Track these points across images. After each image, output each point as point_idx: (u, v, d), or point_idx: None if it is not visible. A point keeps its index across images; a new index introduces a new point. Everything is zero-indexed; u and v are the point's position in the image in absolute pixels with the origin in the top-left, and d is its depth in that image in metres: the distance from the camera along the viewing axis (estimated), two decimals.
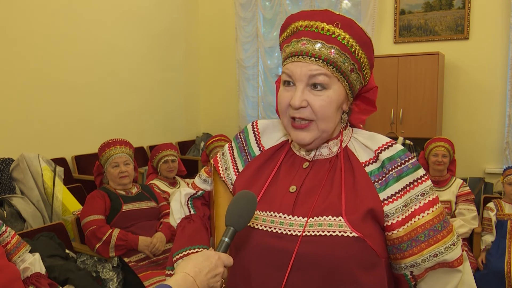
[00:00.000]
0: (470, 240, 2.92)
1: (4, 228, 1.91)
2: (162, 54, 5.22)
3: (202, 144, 5.30)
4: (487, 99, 4.27)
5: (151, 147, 4.81)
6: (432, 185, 0.92)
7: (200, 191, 1.16)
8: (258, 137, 1.07)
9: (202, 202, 1.17)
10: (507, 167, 2.99)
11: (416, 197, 0.88)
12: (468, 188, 3.02)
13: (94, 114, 4.27)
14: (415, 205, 0.88)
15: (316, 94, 0.89)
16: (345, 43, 0.88)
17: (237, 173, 1.05)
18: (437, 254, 0.87)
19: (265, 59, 5.39)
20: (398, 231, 0.88)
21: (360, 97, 1.02)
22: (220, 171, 1.09)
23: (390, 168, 0.90)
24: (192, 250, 1.05)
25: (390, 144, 0.93)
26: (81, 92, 4.13)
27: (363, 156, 0.94)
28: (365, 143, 0.95)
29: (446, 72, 4.36)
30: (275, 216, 0.92)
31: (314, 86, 0.89)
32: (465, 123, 4.38)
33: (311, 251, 0.85)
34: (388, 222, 0.88)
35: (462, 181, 3.05)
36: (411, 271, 0.90)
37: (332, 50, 0.88)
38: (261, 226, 0.92)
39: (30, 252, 1.98)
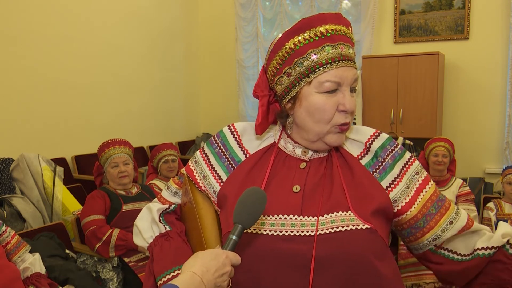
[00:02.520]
0: None
1: (4, 228, 1.91)
2: (162, 54, 5.22)
3: (202, 144, 5.30)
4: (487, 99, 4.28)
5: (151, 147, 4.81)
6: (420, 164, 0.96)
7: (173, 205, 1.08)
8: (239, 140, 1.02)
9: (176, 217, 1.09)
10: (507, 167, 2.99)
11: (413, 177, 0.93)
12: (468, 188, 3.02)
13: (94, 114, 4.27)
14: (415, 184, 0.92)
15: (352, 96, 0.92)
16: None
17: (219, 181, 0.99)
18: (452, 221, 0.91)
19: None
20: (410, 211, 0.91)
21: None
22: (198, 181, 1.02)
23: (385, 156, 0.93)
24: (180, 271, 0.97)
25: (377, 134, 0.96)
26: (81, 92, 4.12)
27: (354, 150, 0.96)
28: (353, 137, 0.97)
29: (446, 72, 4.36)
30: (285, 218, 0.88)
31: (351, 89, 0.92)
32: (465, 123, 4.38)
33: (329, 249, 0.84)
34: (398, 206, 0.91)
35: (462, 181, 3.05)
36: (434, 245, 0.93)
37: (354, 52, 0.94)
38: (270, 231, 0.88)
39: (30, 252, 1.98)
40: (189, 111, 5.77)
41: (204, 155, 1.04)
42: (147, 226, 1.06)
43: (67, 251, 2.42)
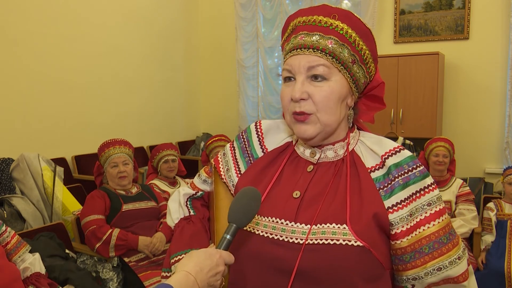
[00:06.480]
0: (470, 240, 2.92)
1: (4, 228, 1.91)
2: (162, 54, 5.22)
3: (202, 144, 5.30)
4: (487, 99, 4.27)
5: (151, 147, 4.81)
6: (440, 195, 0.87)
7: (200, 192, 1.12)
8: (261, 138, 1.03)
9: (202, 203, 1.13)
10: (507, 167, 2.99)
11: (422, 206, 0.84)
12: (468, 188, 3.02)
13: (94, 114, 4.27)
14: (421, 215, 0.84)
15: (317, 85, 0.86)
16: (344, 34, 0.87)
17: (239, 175, 1.01)
18: (441, 268, 0.83)
19: (265, 59, 5.39)
20: (401, 241, 0.84)
21: (367, 95, 0.98)
22: (221, 172, 1.05)
23: (396, 175, 0.86)
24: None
25: (398, 149, 0.88)
26: (81, 92, 4.12)
27: (369, 161, 0.90)
28: (372, 148, 0.91)
29: (446, 72, 4.36)
30: (277, 222, 0.88)
31: (315, 77, 0.86)
32: (465, 123, 4.38)
33: (314, 261, 0.81)
34: (392, 231, 0.85)
35: (462, 181, 3.05)
36: (412, 285, 0.86)
37: (331, 41, 0.86)
38: (262, 232, 0.89)
39: (30, 252, 1.98)
40: (189, 111, 5.77)
41: (232, 149, 1.06)
42: (176, 208, 1.12)
43: (67, 251, 2.42)
